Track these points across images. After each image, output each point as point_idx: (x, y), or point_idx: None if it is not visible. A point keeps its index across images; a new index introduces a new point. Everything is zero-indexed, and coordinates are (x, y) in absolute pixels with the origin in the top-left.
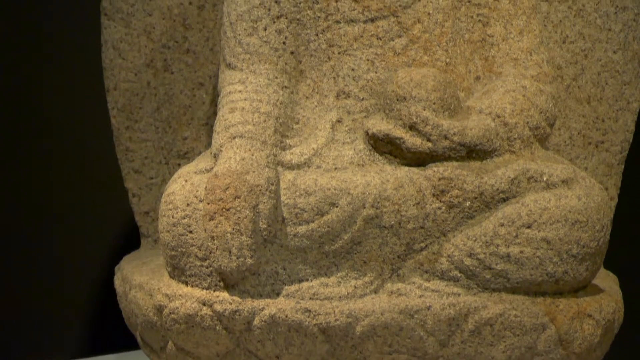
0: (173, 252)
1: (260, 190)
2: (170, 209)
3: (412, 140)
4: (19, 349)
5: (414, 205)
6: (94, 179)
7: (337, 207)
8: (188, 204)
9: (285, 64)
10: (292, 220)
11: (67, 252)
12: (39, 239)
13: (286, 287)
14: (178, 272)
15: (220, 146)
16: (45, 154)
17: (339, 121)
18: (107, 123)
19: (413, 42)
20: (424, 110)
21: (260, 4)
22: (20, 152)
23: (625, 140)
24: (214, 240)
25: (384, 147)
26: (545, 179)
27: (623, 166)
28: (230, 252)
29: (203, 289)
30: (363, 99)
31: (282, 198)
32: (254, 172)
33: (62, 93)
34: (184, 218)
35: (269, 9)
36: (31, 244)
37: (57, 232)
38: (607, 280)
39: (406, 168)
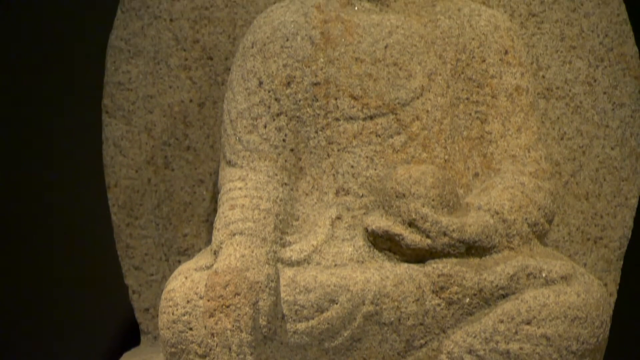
0: (173, 349)
1: (260, 287)
2: (170, 306)
3: (412, 237)
4: None
5: (413, 302)
6: (94, 275)
7: (336, 304)
8: (188, 301)
9: (285, 161)
10: (292, 317)
11: (67, 349)
12: (39, 336)
13: None
14: None
15: (221, 243)
16: (46, 251)
17: (338, 218)
18: (108, 220)
19: (412, 139)
20: (423, 207)
21: (260, 101)
22: (21, 250)
23: (623, 236)
24: (214, 337)
25: (384, 243)
26: (544, 275)
27: (622, 262)
28: (230, 349)
29: None
30: (362, 195)
31: (282, 295)
32: (254, 269)
33: (62, 190)
34: (184, 315)
35: (269, 107)
36: (31, 342)
37: (57, 329)
38: None
39: (405, 265)
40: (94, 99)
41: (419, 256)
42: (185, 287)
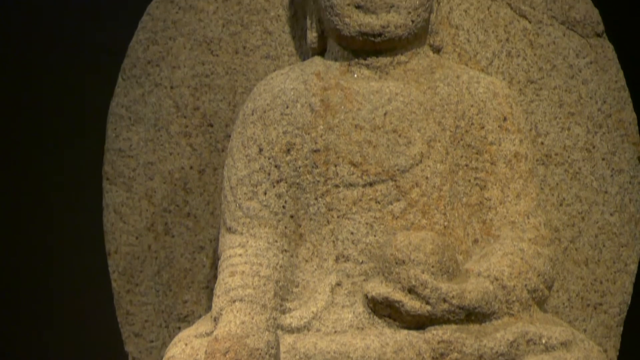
0: None
1: (260, 354)
2: None
3: (411, 304)
4: None
5: None
6: (94, 342)
7: None
8: None
9: (285, 227)
10: None
11: None
12: None
13: None
14: None
15: (221, 310)
16: (46, 318)
17: (338, 284)
18: (108, 286)
19: (411, 205)
20: (423, 273)
21: (260, 168)
22: (21, 316)
23: (623, 302)
24: None
25: (383, 310)
26: (544, 341)
27: (622, 328)
28: None
29: None
30: (362, 262)
31: None
32: (254, 335)
33: (62, 257)
34: None
35: (269, 174)
36: None
37: None
38: None
39: (405, 331)
40: (94, 165)
41: (419, 323)
42: (186, 354)
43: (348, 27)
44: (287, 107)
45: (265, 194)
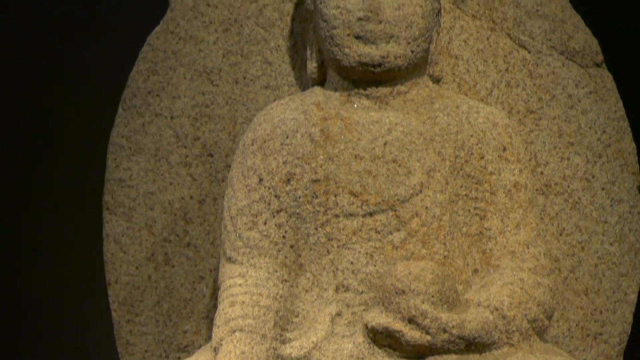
0: None
1: None
2: None
3: (411, 334)
4: None
5: None
6: None
7: None
8: None
9: (285, 257)
10: None
11: None
12: None
13: None
14: None
15: (221, 340)
16: (45, 349)
17: (338, 314)
18: (108, 316)
19: (411, 235)
20: (423, 303)
21: (260, 198)
22: (20, 346)
23: (623, 332)
24: None
25: (384, 340)
26: None
27: (622, 358)
28: None
29: None
30: (362, 292)
31: None
32: None
33: (62, 287)
34: None
35: (269, 204)
36: None
37: None
38: None
39: None
40: (94, 195)
41: (419, 352)
42: None
43: (348, 58)
44: (287, 137)
45: (265, 223)
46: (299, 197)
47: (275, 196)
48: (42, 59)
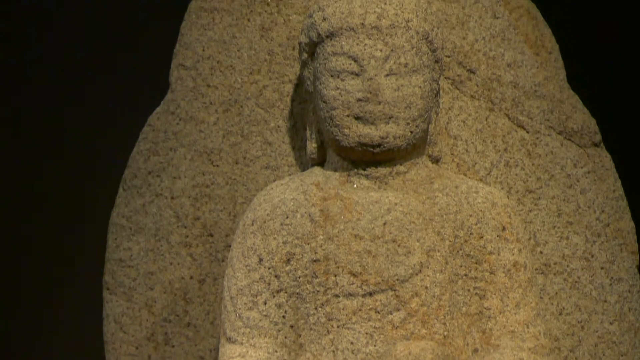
0: None
1: None
2: None
3: None
4: None
5: None
6: None
7: None
8: None
9: (285, 337)
10: None
11: None
12: None
13: None
14: None
15: None
16: None
17: None
18: None
19: (411, 315)
20: None
21: (260, 278)
22: None
23: None
24: None
25: None
26: None
27: None
28: None
29: None
30: None
31: None
32: None
33: None
34: None
35: (269, 284)
36: None
37: None
38: None
39: None
40: (95, 276)
41: None
42: None
43: (347, 138)
44: (287, 218)
45: (265, 303)
46: (299, 277)
47: (275, 276)
48: (43, 140)
